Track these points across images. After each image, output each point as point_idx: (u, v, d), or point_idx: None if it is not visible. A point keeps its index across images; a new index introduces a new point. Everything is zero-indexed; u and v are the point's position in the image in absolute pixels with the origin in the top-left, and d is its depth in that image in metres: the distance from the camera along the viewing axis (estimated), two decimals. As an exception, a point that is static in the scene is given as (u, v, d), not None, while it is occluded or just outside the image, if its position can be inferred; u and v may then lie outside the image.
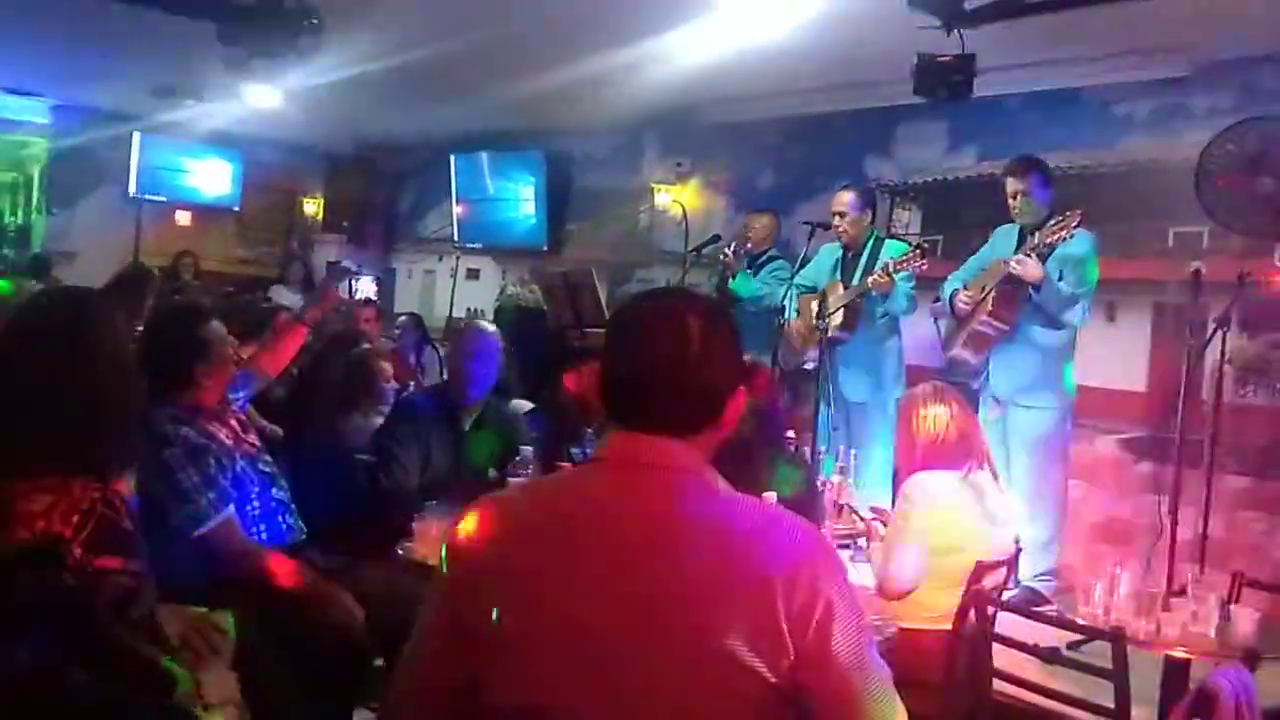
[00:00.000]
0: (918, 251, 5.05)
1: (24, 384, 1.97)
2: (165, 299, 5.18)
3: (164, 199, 10.81)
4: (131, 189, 10.45)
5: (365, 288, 3.89)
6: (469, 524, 1.54)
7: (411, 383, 5.52)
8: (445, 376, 4.19)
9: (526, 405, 5.02)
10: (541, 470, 3.46)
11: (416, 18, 6.13)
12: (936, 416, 3.42)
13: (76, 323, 2.06)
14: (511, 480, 3.35)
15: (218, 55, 5.90)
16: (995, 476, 3.53)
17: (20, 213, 11.82)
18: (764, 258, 6.41)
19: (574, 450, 3.84)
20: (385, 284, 10.53)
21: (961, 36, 4.35)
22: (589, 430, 3.89)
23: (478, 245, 10.33)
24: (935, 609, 3.22)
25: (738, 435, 1.87)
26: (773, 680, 1.38)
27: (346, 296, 3.97)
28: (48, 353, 2.00)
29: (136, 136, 10.35)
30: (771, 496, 2.86)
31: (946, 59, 4.35)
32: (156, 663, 1.86)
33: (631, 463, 1.52)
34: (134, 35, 6.82)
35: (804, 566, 1.42)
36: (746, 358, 3.52)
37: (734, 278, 6.17)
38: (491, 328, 4.16)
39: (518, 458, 3.48)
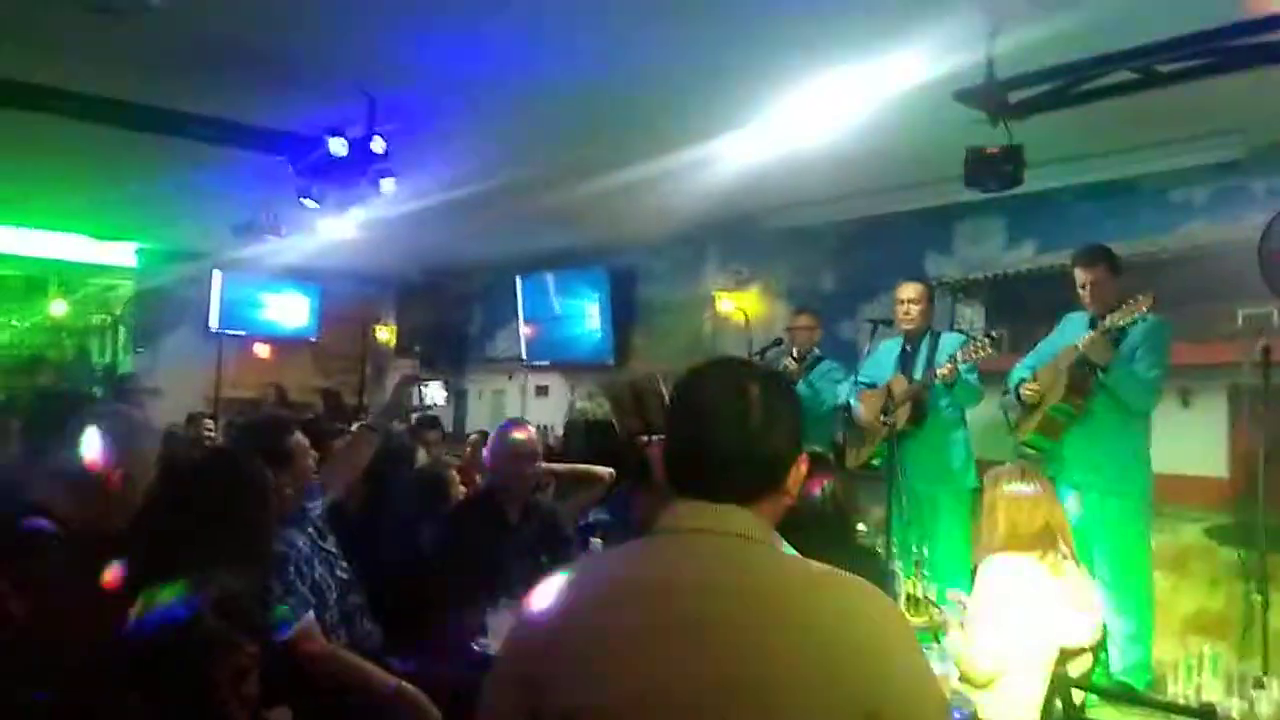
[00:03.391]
0: (986, 340, 5.05)
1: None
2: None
3: (244, 333, 11.19)
4: (213, 324, 10.83)
5: (434, 394, 3.98)
6: (542, 594, 1.57)
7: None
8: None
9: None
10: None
11: (483, 150, 6.40)
12: (1020, 497, 3.40)
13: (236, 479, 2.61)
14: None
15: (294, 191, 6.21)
16: (1076, 562, 3.47)
17: (108, 352, 12.29)
18: (810, 358, 6.44)
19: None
20: (456, 402, 10.73)
21: (1008, 128, 4.43)
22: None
23: (545, 363, 10.53)
24: (1019, 697, 3.14)
25: (813, 520, 1.89)
26: None
27: (417, 404, 4.06)
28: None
29: (217, 274, 10.78)
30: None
31: (994, 150, 4.42)
32: None
33: (696, 530, 1.53)
34: (215, 177, 7.18)
35: (873, 632, 1.43)
36: (814, 449, 3.55)
37: (793, 386, 6.17)
38: (522, 432, 4.21)
39: (589, 549, 3.50)
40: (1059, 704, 3.02)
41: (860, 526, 4.28)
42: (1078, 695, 3.08)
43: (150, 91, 5.50)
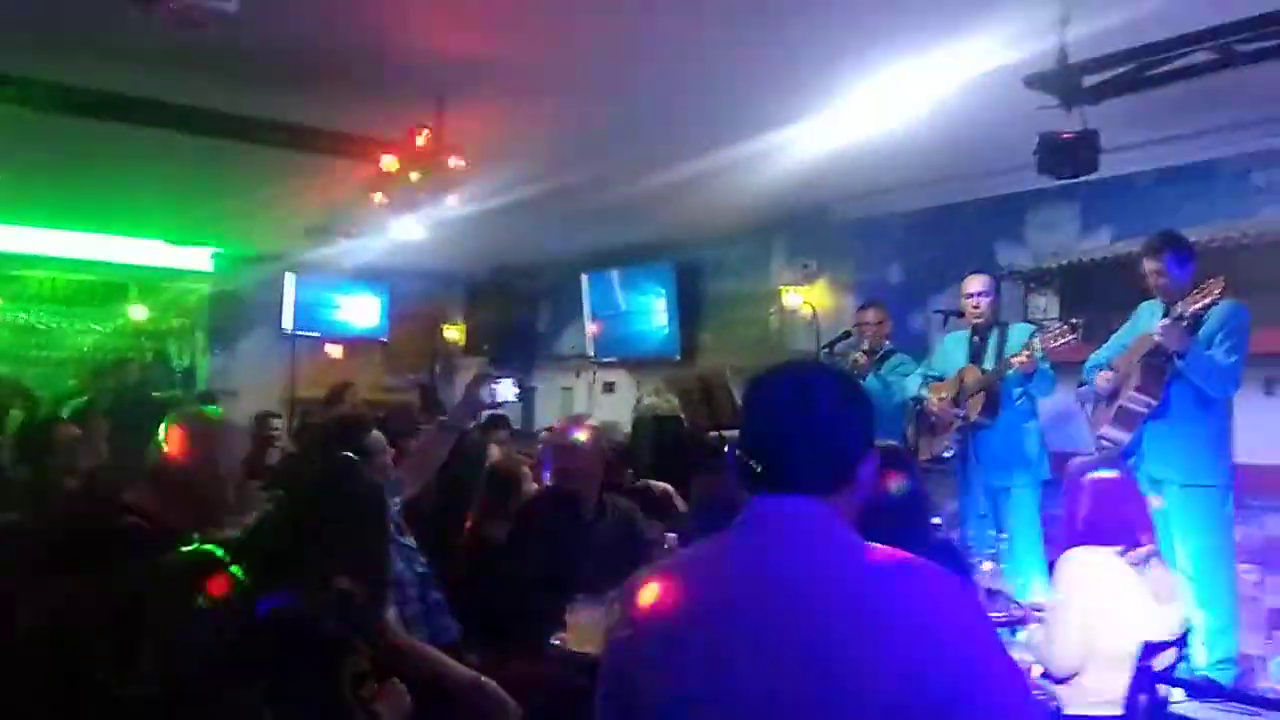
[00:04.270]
0: (1066, 326, 4.98)
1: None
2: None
3: (317, 334, 11.36)
4: (286, 326, 11.01)
5: (506, 391, 4.01)
6: (628, 593, 1.61)
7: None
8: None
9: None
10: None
11: (551, 150, 6.44)
12: (1100, 489, 3.36)
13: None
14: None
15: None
16: (1158, 555, 3.41)
17: (186, 354, 12.57)
18: (882, 352, 6.36)
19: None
20: (526, 400, 10.80)
21: (1083, 113, 4.35)
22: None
23: (613, 359, 10.56)
24: (1103, 692, 3.10)
25: (889, 515, 1.90)
26: None
27: (490, 401, 4.09)
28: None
29: (290, 277, 10.96)
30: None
31: (1069, 136, 4.33)
32: None
33: (769, 524, 1.55)
34: (287, 181, 7.31)
35: (949, 616, 1.44)
36: (890, 444, 3.53)
37: (863, 379, 6.10)
38: (583, 431, 4.22)
39: (664, 546, 3.52)
40: (1142, 698, 2.96)
41: (935, 519, 4.25)
42: (1161, 689, 3.02)
43: (223, 98, 5.62)
